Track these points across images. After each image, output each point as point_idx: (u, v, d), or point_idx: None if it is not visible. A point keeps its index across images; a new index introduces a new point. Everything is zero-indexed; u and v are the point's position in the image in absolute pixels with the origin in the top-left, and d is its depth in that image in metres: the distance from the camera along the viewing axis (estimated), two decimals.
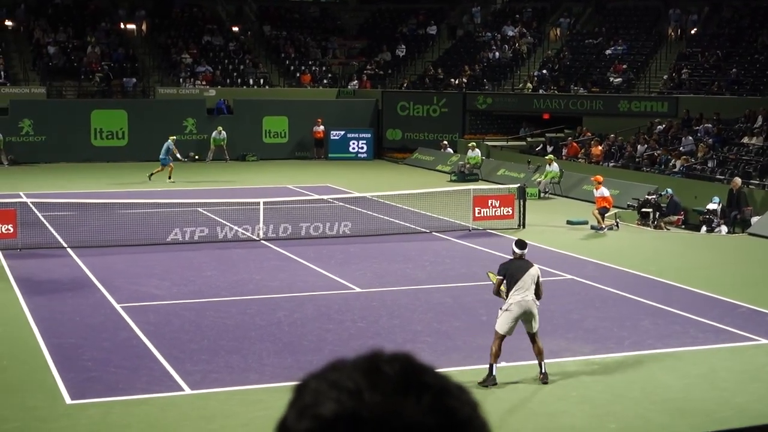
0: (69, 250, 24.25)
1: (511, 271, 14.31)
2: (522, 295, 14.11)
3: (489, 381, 14.06)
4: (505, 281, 14.27)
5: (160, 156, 37.32)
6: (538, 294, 14.29)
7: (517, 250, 14.62)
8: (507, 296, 14.18)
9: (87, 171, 40.53)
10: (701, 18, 48.16)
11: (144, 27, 53.17)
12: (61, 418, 12.89)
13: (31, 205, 28.22)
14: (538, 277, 14.33)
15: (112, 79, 48.50)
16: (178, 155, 38.08)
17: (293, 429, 1.45)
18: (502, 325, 14.14)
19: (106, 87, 48.26)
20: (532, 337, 14.24)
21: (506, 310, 14.15)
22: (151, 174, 37.34)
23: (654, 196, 29.84)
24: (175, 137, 39.02)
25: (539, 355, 14.27)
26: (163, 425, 12.72)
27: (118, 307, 18.58)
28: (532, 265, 14.47)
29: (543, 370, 14.28)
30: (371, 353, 1.50)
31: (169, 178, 37.22)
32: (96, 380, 14.25)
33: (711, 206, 29.11)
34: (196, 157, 45.01)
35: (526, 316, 14.15)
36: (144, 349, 15.82)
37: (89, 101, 46.61)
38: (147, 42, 52.54)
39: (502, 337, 14.12)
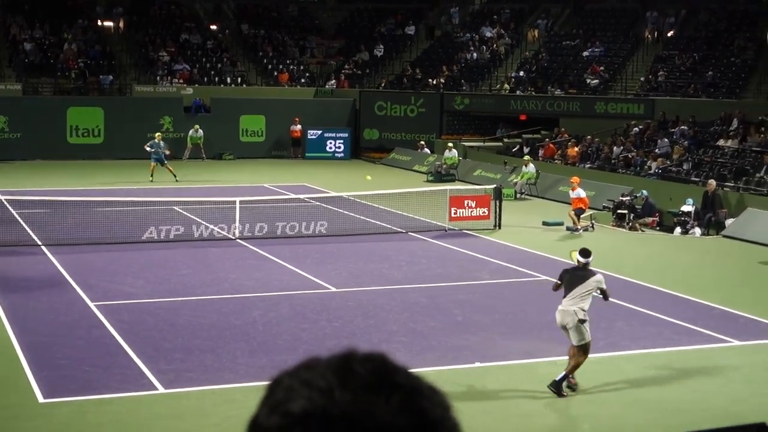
0: (44, 248, 24.13)
1: (567, 279, 14.26)
2: (566, 305, 14.07)
3: (561, 389, 13.85)
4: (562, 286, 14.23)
5: (154, 154, 37.19)
6: (606, 297, 14.49)
7: (580, 259, 14.49)
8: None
9: (63, 168, 40.34)
10: (678, 21, 48.40)
11: (121, 24, 52.95)
12: (35, 416, 12.83)
13: (5, 203, 28.06)
14: (601, 284, 14.27)
15: (89, 76, 48.27)
16: (166, 151, 37.83)
17: (264, 425, 1.46)
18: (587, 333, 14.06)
19: (83, 84, 48.03)
20: (572, 348, 14.03)
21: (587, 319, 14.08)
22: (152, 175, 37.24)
23: (628, 198, 29.97)
24: (160, 134, 38.90)
25: (571, 368, 13.93)
26: (137, 424, 12.68)
27: (92, 305, 18.51)
28: (593, 275, 14.31)
29: (560, 378, 13.91)
30: (345, 352, 1.51)
31: (152, 176, 37.08)
32: (69, 378, 14.20)
33: (685, 208, 29.26)
34: (167, 152, 44.88)
35: (564, 327, 14.10)
36: (118, 347, 15.76)
37: (65, 98, 46.36)
38: (124, 39, 52.32)
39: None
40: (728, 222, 28.72)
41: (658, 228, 29.93)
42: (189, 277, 21.30)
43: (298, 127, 46.89)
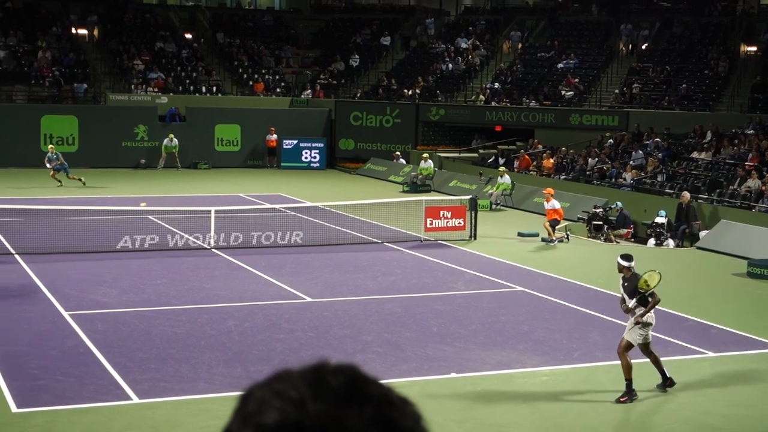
0: (17, 256, 23.99)
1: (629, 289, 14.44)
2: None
3: (632, 396, 14.07)
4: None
5: (58, 166, 37.03)
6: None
7: (625, 263, 14.74)
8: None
9: (36, 177, 40.13)
10: (652, 33, 48.71)
11: (96, 32, 52.76)
12: (6, 426, 12.74)
13: None
14: None
15: (63, 84, 48.09)
16: (48, 165, 37.56)
17: None
18: (638, 337, 14.26)
19: (57, 92, 47.83)
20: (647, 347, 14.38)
21: (647, 324, 14.28)
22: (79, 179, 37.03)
23: (601, 209, 30.09)
24: (53, 146, 38.68)
25: (658, 363, 14.38)
26: None
27: (66, 314, 18.41)
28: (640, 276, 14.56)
29: (668, 375, 14.35)
30: (316, 364, 1.52)
31: (59, 182, 36.96)
32: (43, 389, 14.11)
33: (658, 220, 29.40)
34: (142, 161, 44.79)
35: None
36: (92, 357, 15.68)
37: (39, 106, 46.14)
38: (99, 47, 52.14)
39: (628, 350, 14.30)
40: (702, 234, 28.88)
41: (632, 239, 30.07)
42: (164, 286, 21.23)
43: (274, 136, 46.85)
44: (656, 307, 14.52)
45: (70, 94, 47.97)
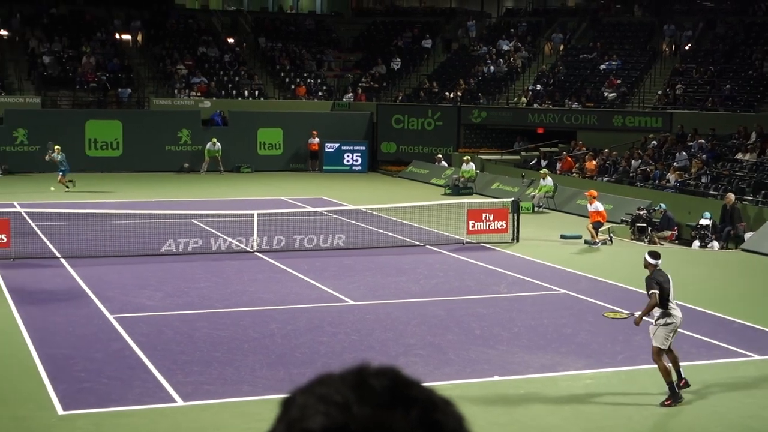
0: (62, 260, 24.22)
1: (663, 284, 14.03)
2: (677, 308, 14.15)
3: (676, 399, 13.93)
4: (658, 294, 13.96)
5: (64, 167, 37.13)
6: None
7: (652, 261, 14.42)
8: (663, 309, 13.99)
9: (81, 181, 40.48)
10: (695, 34, 48.33)
11: (139, 38, 53.21)
12: (53, 428, 12.87)
13: (24, 215, 28.21)
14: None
15: (108, 89, 48.51)
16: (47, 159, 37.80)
17: None
18: (663, 339, 13.99)
19: (102, 97, 48.27)
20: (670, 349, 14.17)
21: (666, 324, 13.99)
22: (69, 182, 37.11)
23: (644, 211, 29.89)
24: (59, 147, 38.73)
25: (676, 362, 14.21)
26: None
27: (111, 317, 18.56)
28: (668, 275, 14.34)
29: (683, 376, 14.18)
30: (358, 367, 1.51)
31: (66, 187, 37.03)
32: (88, 391, 14.23)
33: (703, 221, 29.14)
34: (186, 165, 45.07)
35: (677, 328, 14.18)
36: (136, 360, 15.79)
37: (84, 111, 46.59)
38: (142, 53, 52.57)
39: (666, 351, 14.05)
40: (747, 236, 28.60)
41: (676, 241, 29.84)
42: (207, 289, 21.34)
43: (316, 140, 46.97)
44: (696, 309, 14.34)
45: (115, 99, 48.40)
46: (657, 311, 14.15)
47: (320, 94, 52.18)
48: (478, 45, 53.97)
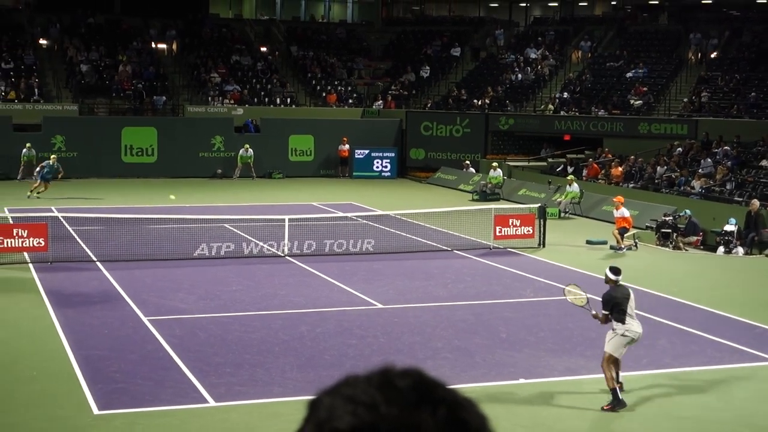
0: (98, 263, 24.37)
1: (619, 300, 14.32)
2: (637, 323, 14.37)
3: (619, 405, 13.96)
4: (611, 313, 14.31)
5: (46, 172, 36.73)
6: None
7: (612, 276, 14.67)
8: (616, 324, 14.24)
9: (117, 186, 40.75)
10: (721, 42, 48.06)
11: (174, 46, 53.51)
12: (88, 428, 12.96)
13: (62, 220, 28.40)
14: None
15: (144, 97, 48.80)
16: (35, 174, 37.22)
17: None
18: (617, 348, 14.19)
19: (137, 105, 48.56)
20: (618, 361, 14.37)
21: (623, 334, 14.18)
22: (33, 191, 36.74)
23: (670, 218, 29.75)
24: (54, 156, 38.47)
25: (617, 368, 14.32)
26: None
27: (145, 320, 18.67)
28: (630, 292, 14.62)
29: (620, 380, 14.28)
30: (382, 368, 1.53)
31: (38, 193, 36.60)
32: (123, 391, 14.32)
33: (728, 227, 28.97)
34: (219, 171, 45.24)
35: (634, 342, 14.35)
36: (170, 361, 15.88)
37: (120, 118, 46.89)
38: (177, 61, 52.84)
39: (615, 360, 14.21)
40: None
41: (701, 247, 29.66)
42: (239, 293, 21.41)
43: (346, 146, 47.03)
44: (720, 314, 14.24)
45: (150, 107, 48.69)
46: (614, 327, 14.22)
47: (350, 101, 52.27)
48: (506, 53, 53.92)
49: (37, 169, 37.18)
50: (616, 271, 14.72)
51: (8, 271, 23.43)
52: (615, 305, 14.26)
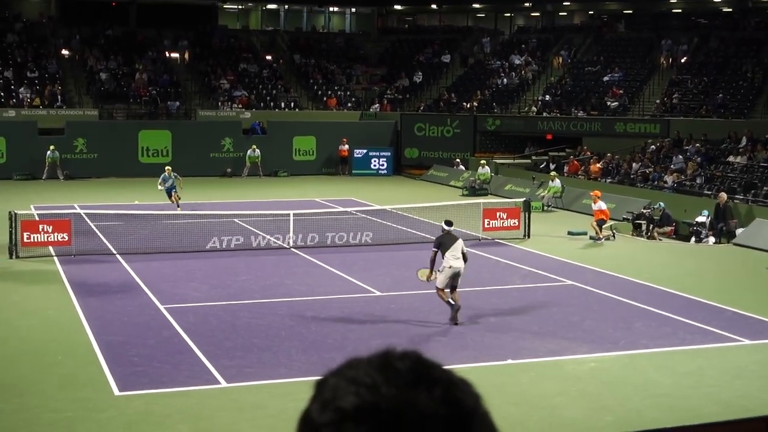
0: (118, 256, 24.35)
1: (445, 243, 17.23)
2: (456, 260, 17.00)
3: (452, 309, 17.11)
4: (439, 250, 17.21)
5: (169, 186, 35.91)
6: (465, 258, 17.18)
7: (445, 227, 17.68)
8: (444, 260, 17.05)
9: (134, 185, 40.70)
10: (691, 48, 48.02)
11: (186, 55, 53.40)
12: (109, 408, 12.95)
13: (84, 216, 28.37)
14: (463, 248, 17.22)
15: (159, 102, 48.74)
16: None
17: (317, 420, 1.45)
18: (443, 281, 17.06)
19: (153, 109, 48.49)
20: (454, 288, 17.19)
21: (448, 269, 16.96)
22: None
23: (648, 210, 29.75)
24: (169, 167, 37.45)
25: (456, 300, 17.17)
26: (202, 415, 12.75)
27: (162, 308, 18.66)
28: (458, 239, 17.50)
29: (455, 305, 17.11)
30: (383, 351, 1.51)
31: (178, 205, 35.45)
32: (141, 374, 14.31)
33: (700, 219, 28.99)
34: (228, 170, 45.22)
35: (456, 276, 17.03)
36: (185, 346, 15.87)
37: (137, 122, 46.82)
38: (189, 69, 52.75)
39: (442, 290, 17.14)
40: (739, 231, 28.42)
41: (674, 237, 29.68)
42: (248, 282, 21.40)
43: (346, 146, 47.01)
44: (692, 298, 14.27)
45: (164, 111, 48.60)
46: (442, 264, 17.00)
47: (349, 105, 52.22)
48: (492, 60, 53.86)
49: (160, 188, 33.05)
50: (449, 223, 17.81)
51: (35, 264, 23.41)
52: (441, 245, 17.17)
